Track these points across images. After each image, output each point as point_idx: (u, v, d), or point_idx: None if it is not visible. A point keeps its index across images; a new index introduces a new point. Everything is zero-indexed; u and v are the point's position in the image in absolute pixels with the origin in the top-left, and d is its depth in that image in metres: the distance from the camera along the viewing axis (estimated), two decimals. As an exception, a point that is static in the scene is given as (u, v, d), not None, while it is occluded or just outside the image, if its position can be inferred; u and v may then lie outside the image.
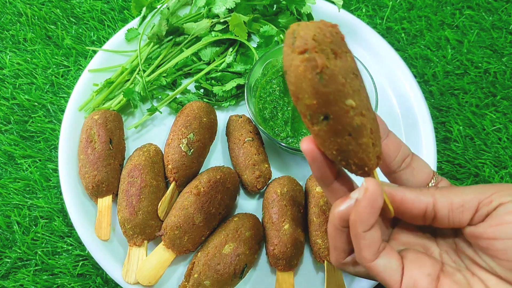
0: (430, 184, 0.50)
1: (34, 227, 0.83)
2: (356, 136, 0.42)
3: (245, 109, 0.91)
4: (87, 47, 1.01)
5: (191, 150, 0.77)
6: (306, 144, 0.45)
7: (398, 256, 0.47)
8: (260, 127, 0.78)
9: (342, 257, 0.50)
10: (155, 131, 0.88)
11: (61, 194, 0.81)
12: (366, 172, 0.45)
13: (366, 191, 0.43)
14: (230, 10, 0.92)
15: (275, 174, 0.83)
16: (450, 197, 0.45)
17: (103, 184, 0.76)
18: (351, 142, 0.42)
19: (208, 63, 0.93)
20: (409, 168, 0.50)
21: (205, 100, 0.90)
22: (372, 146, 0.44)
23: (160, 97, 0.90)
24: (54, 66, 0.99)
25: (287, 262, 0.71)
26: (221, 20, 0.92)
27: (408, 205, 0.46)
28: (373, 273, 0.46)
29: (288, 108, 0.82)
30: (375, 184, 0.43)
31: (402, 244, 0.51)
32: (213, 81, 0.90)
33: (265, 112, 0.82)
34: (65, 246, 0.81)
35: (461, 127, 0.92)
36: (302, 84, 0.40)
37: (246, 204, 0.82)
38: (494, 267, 0.45)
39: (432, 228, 0.50)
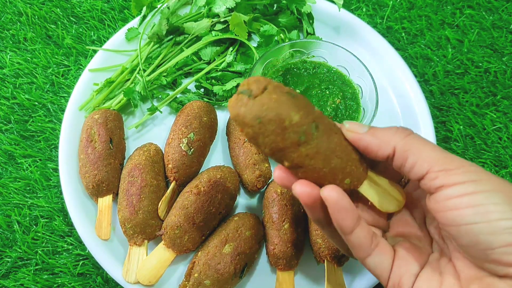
0: None
1: (34, 226, 0.83)
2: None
3: (245, 109, 0.91)
4: (87, 47, 1.01)
5: (192, 150, 0.77)
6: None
7: (390, 253, 0.48)
8: None
9: (346, 249, 0.52)
10: (155, 131, 0.88)
11: (61, 193, 0.81)
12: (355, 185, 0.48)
13: (327, 202, 0.45)
14: (230, 10, 0.92)
15: (276, 173, 0.83)
16: (408, 153, 0.45)
17: (104, 184, 0.77)
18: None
19: (209, 63, 0.93)
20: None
21: (205, 99, 0.90)
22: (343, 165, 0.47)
23: (160, 96, 0.90)
24: (55, 65, 0.99)
25: (287, 262, 0.71)
26: (221, 20, 0.92)
27: (371, 152, 0.47)
28: (367, 268, 0.48)
29: None
30: (332, 192, 0.45)
31: (398, 235, 0.52)
32: (213, 80, 0.90)
33: None
34: (66, 245, 0.81)
35: (461, 127, 0.92)
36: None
37: (246, 204, 0.82)
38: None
39: (424, 217, 0.52)
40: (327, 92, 0.84)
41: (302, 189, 0.46)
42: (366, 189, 0.49)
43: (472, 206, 0.40)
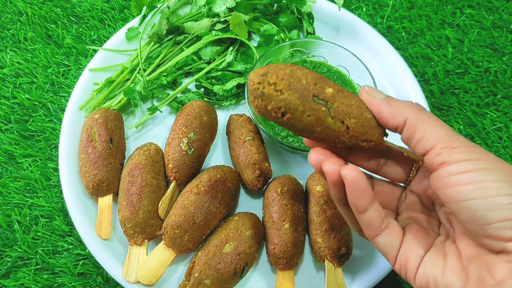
0: None
1: (34, 226, 0.83)
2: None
3: (245, 108, 0.91)
4: (87, 46, 1.01)
5: (192, 149, 0.77)
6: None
7: (399, 235, 0.50)
8: (261, 126, 0.78)
9: (358, 229, 0.55)
10: (155, 130, 0.88)
11: (61, 193, 0.81)
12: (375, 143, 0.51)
13: (345, 180, 0.48)
14: (230, 9, 0.92)
15: (276, 173, 0.83)
16: (417, 126, 0.47)
17: (104, 183, 0.77)
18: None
19: (209, 62, 0.93)
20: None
21: (205, 99, 0.90)
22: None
23: (160, 96, 0.90)
24: (55, 65, 0.99)
25: (288, 261, 0.71)
26: (222, 19, 0.92)
27: (383, 119, 0.50)
28: (376, 247, 0.51)
29: None
30: (351, 171, 0.47)
31: (409, 218, 0.55)
32: (213, 80, 0.90)
33: None
34: (66, 245, 0.81)
35: (461, 126, 0.92)
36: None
37: (247, 203, 0.82)
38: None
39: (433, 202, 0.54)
40: None
41: (331, 167, 0.49)
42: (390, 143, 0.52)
43: (471, 183, 0.42)
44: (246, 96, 0.80)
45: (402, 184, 0.58)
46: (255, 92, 0.48)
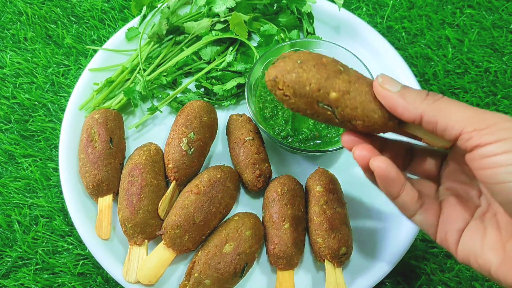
0: None
1: (34, 226, 0.83)
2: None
3: (245, 108, 0.91)
4: (87, 46, 1.01)
5: (192, 149, 0.77)
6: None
7: (434, 212, 0.52)
8: (261, 126, 0.78)
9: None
10: (155, 130, 0.88)
11: (61, 193, 0.81)
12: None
13: (375, 172, 0.49)
14: (230, 9, 0.92)
15: (276, 173, 0.83)
16: (437, 117, 0.46)
17: (104, 183, 0.77)
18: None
19: (209, 62, 0.93)
20: None
21: (205, 99, 0.90)
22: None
23: (160, 96, 0.90)
24: (55, 65, 0.99)
25: (288, 261, 0.71)
26: (222, 19, 0.92)
27: (398, 112, 0.49)
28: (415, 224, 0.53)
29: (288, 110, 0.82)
30: (381, 163, 0.49)
31: (449, 188, 0.55)
32: (213, 80, 0.90)
33: (265, 111, 0.82)
34: (66, 245, 0.81)
35: (461, 126, 0.92)
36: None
37: (247, 203, 0.82)
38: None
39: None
40: None
41: (361, 153, 0.50)
42: (412, 128, 0.53)
43: (504, 165, 0.41)
44: (246, 96, 0.80)
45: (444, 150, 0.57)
46: (272, 91, 0.53)
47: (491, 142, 0.42)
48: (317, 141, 0.80)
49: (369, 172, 0.51)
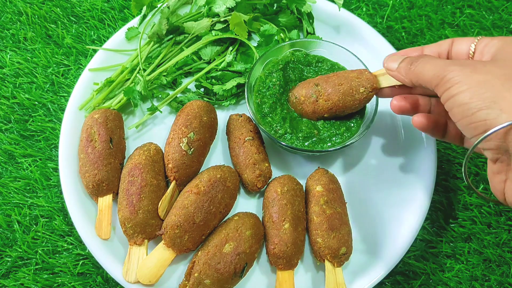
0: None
1: (34, 226, 0.83)
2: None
3: (245, 108, 0.91)
4: (87, 46, 1.01)
5: (192, 149, 0.77)
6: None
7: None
8: (261, 126, 0.78)
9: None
10: (155, 130, 0.88)
11: (61, 193, 0.81)
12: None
13: (415, 126, 0.70)
14: (230, 9, 0.92)
15: (275, 173, 0.83)
16: (418, 82, 0.62)
17: (104, 183, 0.77)
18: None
19: (209, 62, 0.93)
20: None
21: (205, 99, 0.90)
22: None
23: (160, 96, 0.90)
24: (55, 65, 0.99)
25: (287, 261, 0.71)
26: (222, 19, 0.92)
27: (400, 81, 0.66)
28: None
29: (286, 107, 0.82)
30: (417, 118, 0.68)
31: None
32: (213, 80, 0.90)
33: (263, 106, 0.81)
34: (66, 245, 0.81)
35: (461, 126, 0.92)
36: None
37: (247, 203, 0.82)
38: None
39: None
40: None
41: (399, 103, 0.70)
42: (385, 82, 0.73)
43: (452, 97, 0.56)
44: (246, 96, 0.80)
45: None
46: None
47: (443, 92, 0.56)
48: (315, 139, 0.80)
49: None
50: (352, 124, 0.80)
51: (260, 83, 0.83)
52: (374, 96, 0.78)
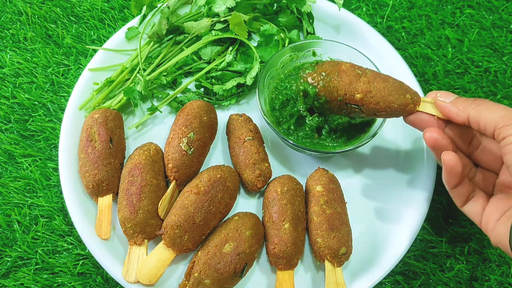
0: None
1: (34, 226, 0.83)
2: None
3: (245, 108, 0.91)
4: (87, 46, 1.01)
5: (192, 149, 0.77)
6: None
7: (483, 203, 0.65)
8: (266, 118, 0.78)
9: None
10: (155, 130, 0.88)
11: (61, 193, 0.81)
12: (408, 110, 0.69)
13: (444, 163, 0.62)
14: (230, 9, 0.92)
15: (276, 173, 0.83)
16: (479, 118, 0.61)
17: (104, 183, 0.77)
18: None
19: (209, 62, 0.93)
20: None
21: (205, 99, 0.90)
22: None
23: (160, 96, 0.90)
24: (55, 65, 0.99)
25: (287, 261, 0.71)
26: (222, 19, 0.92)
27: (451, 118, 0.65)
28: (464, 213, 0.67)
29: (298, 106, 0.82)
30: (451, 157, 0.62)
31: (502, 182, 0.67)
32: (213, 80, 0.90)
33: (276, 101, 0.84)
34: (66, 245, 0.81)
35: (461, 126, 0.92)
36: None
37: (246, 203, 0.82)
38: None
39: None
40: None
41: (432, 135, 0.65)
42: (429, 109, 0.68)
43: None
44: (257, 86, 0.81)
45: None
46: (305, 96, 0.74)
47: (508, 135, 0.56)
48: (314, 141, 0.80)
49: (437, 152, 0.65)
50: (353, 134, 0.80)
51: (279, 81, 0.86)
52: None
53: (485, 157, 0.69)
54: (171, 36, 0.95)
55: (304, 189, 0.80)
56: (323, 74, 0.69)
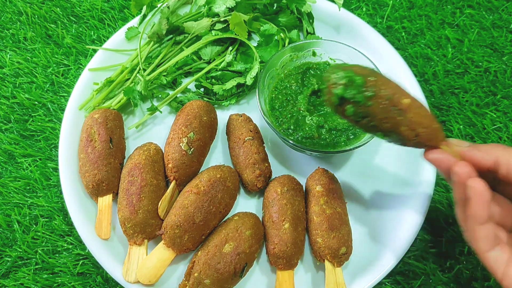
0: None
1: (34, 226, 0.83)
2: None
3: (245, 108, 0.91)
4: (87, 46, 1.01)
5: (192, 149, 0.77)
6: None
7: (509, 252, 0.56)
8: (266, 118, 0.78)
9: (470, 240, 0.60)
10: (155, 130, 0.88)
11: (61, 193, 0.81)
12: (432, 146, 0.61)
13: (472, 190, 0.54)
14: (230, 9, 0.92)
15: (276, 173, 0.83)
16: (510, 160, 0.55)
17: (104, 183, 0.77)
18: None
19: (208, 62, 0.93)
20: None
21: (205, 99, 0.90)
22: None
23: (160, 96, 0.90)
24: (54, 65, 0.99)
25: (287, 261, 0.71)
26: (222, 19, 0.92)
27: (475, 161, 0.57)
28: (483, 262, 0.57)
29: (298, 106, 0.82)
30: (480, 183, 0.54)
31: None
32: (213, 80, 0.90)
33: (276, 101, 0.84)
34: (66, 245, 0.81)
35: (461, 126, 0.92)
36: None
37: (246, 203, 0.82)
38: None
39: None
40: None
41: (463, 169, 0.56)
42: (449, 150, 0.60)
43: None
44: (257, 86, 0.81)
45: None
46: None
47: None
48: (314, 141, 0.80)
49: (461, 189, 0.56)
50: (352, 136, 0.80)
51: (278, 81, 0.86)
52: None
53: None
54: (171, 36, 0.95)
55: (304, 189, 0.79)
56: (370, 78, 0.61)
